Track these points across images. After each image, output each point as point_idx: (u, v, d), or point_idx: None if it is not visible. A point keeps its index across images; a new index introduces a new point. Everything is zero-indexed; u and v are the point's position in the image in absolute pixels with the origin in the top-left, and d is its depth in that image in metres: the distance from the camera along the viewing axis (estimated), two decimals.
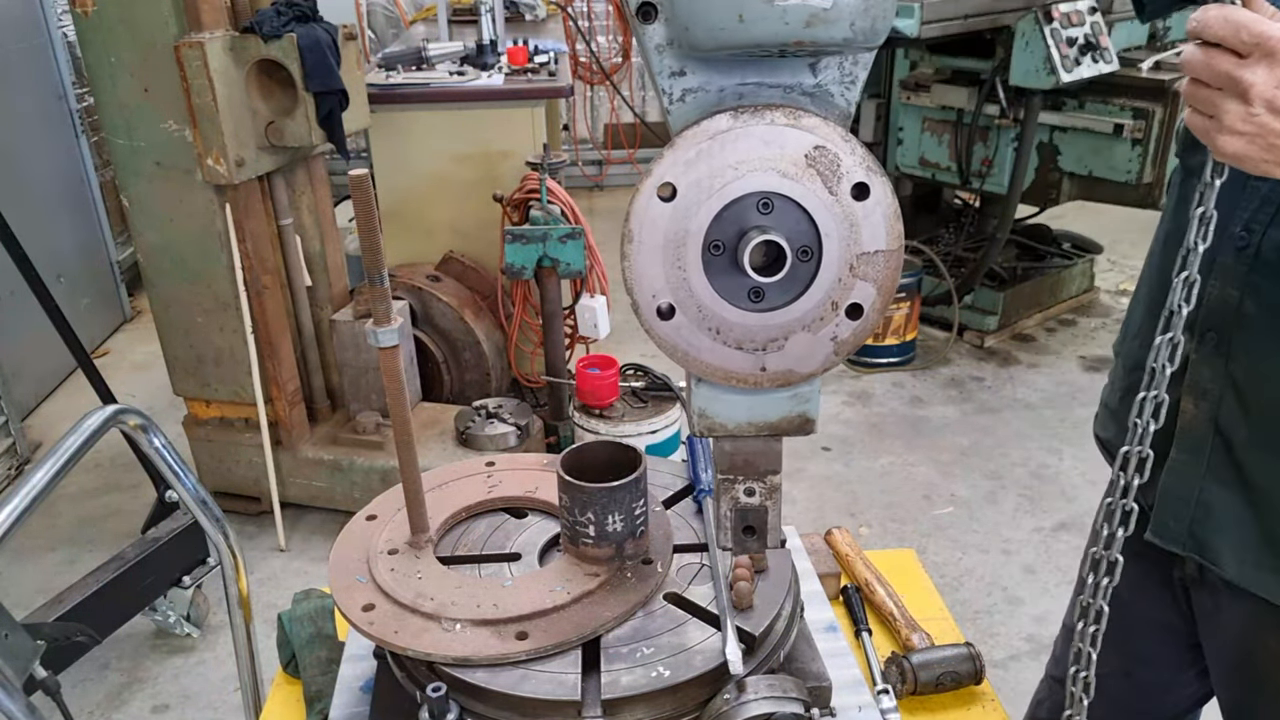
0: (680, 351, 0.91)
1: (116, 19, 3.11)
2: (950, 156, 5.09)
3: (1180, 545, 1.44)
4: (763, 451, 1.00)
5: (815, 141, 0.84)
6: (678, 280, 0.88)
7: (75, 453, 1.55)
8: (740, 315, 0.89)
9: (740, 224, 0.86)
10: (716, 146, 0.84)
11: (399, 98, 4.06)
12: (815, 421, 0.99)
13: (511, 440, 3.62)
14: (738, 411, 0.97)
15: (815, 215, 0.86)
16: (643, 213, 0.86)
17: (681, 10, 0.79)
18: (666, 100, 0.86)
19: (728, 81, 0.85)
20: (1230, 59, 0.98)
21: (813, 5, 0.76)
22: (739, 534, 1.03)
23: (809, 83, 0.86)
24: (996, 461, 4.21)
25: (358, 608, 1.26)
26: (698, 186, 0.85)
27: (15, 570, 3.59)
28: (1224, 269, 1.31)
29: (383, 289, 1.27)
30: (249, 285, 3.39)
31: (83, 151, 5.36)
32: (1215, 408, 1.36)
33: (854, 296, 0.89)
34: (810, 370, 0.93)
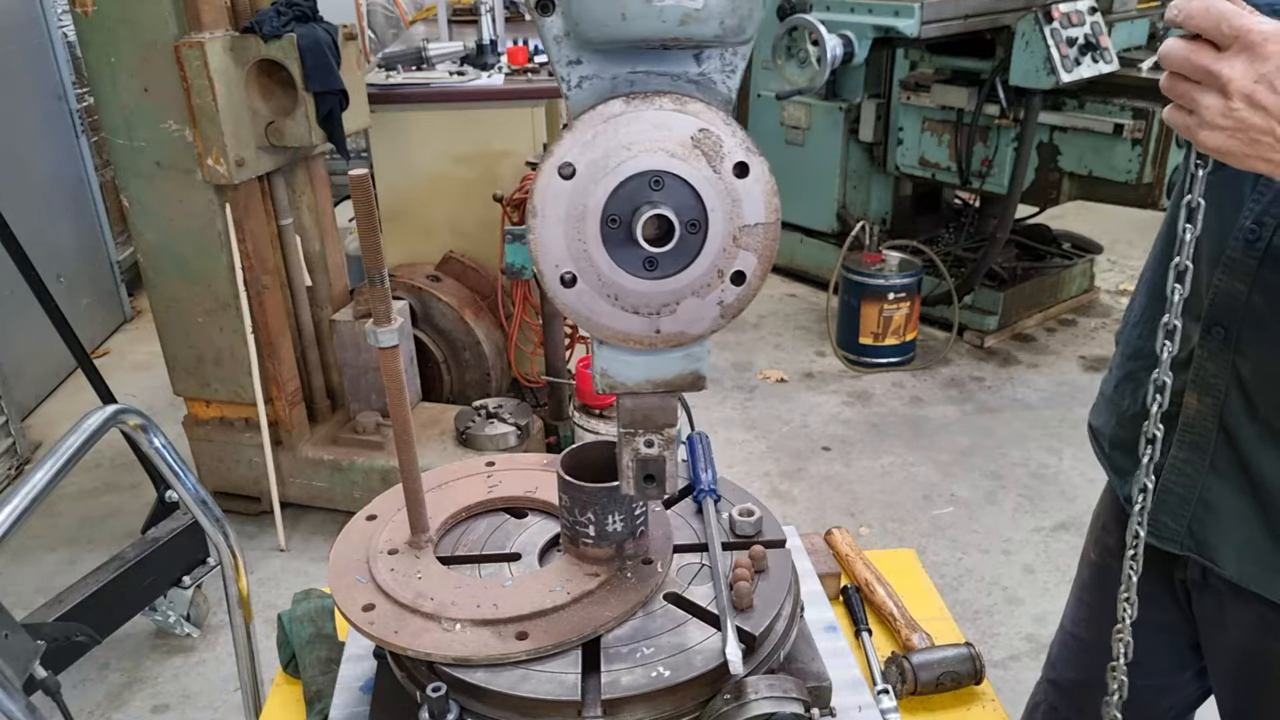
0: (582, 316, 0.99)
1: (116, 19, 3.11)
2: (950, 156, 5.09)
3: (1178, 544, 1.44)
4: (660, 407, 1.09)
5: (700, 125, 0.93)
6: (578, 251, 0.95)
7: (75, 453, 1.55)
8: (636, 282, 0.97)
9: (635, 200, 0.94)
10: (611, 129, 0.92)
11: (399, 98, 4.06)
12: (706, 379, 1.07)
13: (511, 440, 3.62)
14: (636, 371, 1.06)
15: (701, 192, 0.95)
16: (545, 190, 0.93)
17: (573, 7, 0.87)
18: (565, 87, 0.94)
19: (620, 70, 0.93)
20: (1210, 52, 0.98)
21: (686, 5, 0.85)
22: (640, 482, 1.12)
23: (694, 71, 0.95)
24: (996, 461, 4.21)
25: (358, 608, 1.26)
26: (595, 166, 0.93)
27: (15, 570, 3.59)
28: (1232, 262, 1.30)
29: (383, 289, 1.27)
30: (249, 285, 3.39)
31: (83, 151, 5.36)
32: (1220, 403, 1.34)
33: (738, 265, 0.98)
34: (700, 332, 1.02)
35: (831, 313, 5.24)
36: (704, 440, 1.56)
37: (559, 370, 3.84)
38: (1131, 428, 1.49)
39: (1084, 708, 1.78)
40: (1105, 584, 1.70)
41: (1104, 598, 1.70)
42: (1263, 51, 0.95)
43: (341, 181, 4.96)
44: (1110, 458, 1.59)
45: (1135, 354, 1.51)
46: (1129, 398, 1.51)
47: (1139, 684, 1.69)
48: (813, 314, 5.70)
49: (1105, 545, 1.68)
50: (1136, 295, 1.55)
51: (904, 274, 4.97)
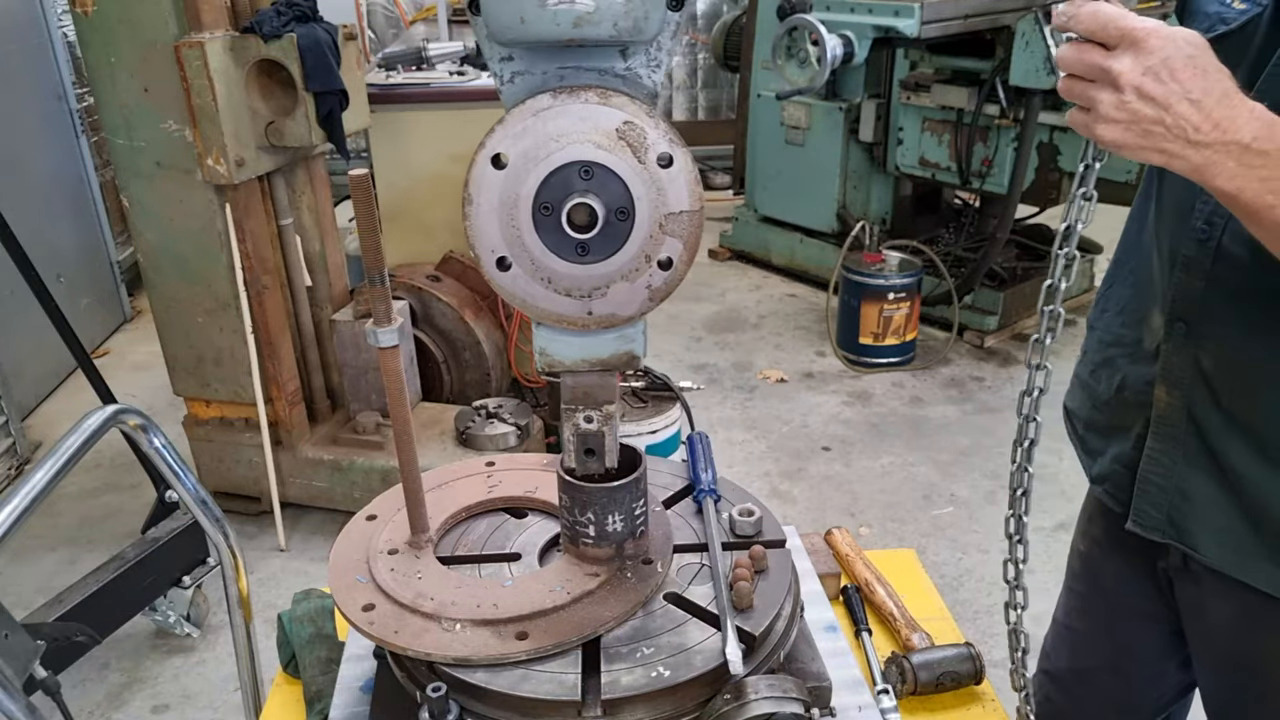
0: (518, 298, 1.05)
1: (116, 19, 3.11)
2: (950, 156, 5.09)
3: (1160, 533, 1.46)
4: (599, 385, 1.14)
5: (624, 118, 0.97)
6: (512, 237, 1.01)
7: (75, 453, 1.55)
8: (568, 267, 1.02)
9: (566, 189, 0.99)
10: (539, 122, 0.97)
11: (399, 98, 4.06)
12: (640, 358, 1.13)
13: (511, 440, 3.61)
14: (573, 350, 1.11)
15: (628, 181, 0.99)
16: (479, 179, 0.99)
17: (483, 11, 0.93)
18: (498, 81, 0.99)
19: (550, 66, 0.99)
20: (1099, 51, 1.04)
21: (578, 10, 0.90)
22: (581, 455, 1.18)
23: (620, 67, 0.99)
24: (996, 461, 4.21)
25: (358, 608, 1.26)
26: (525, 156, 0.98)
27: (15, 570, 3.59)
28: (1188, 261, 1.34)
29: (383, 289, 1.27)
30: (249, 285, 3.39)
31: (83, 151, 5.36)
32: (1188, 396, 1.38)
33: (664, 251, 1.03)
34: (630, 314, 1.07)
35: (831, 313, 5.24)
36: (704, 440, 1.56)
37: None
38: (1106, 412, 1.55)
39: (1077, 696, 1.80)
40: (1093, 574, 1.74)
41: (1093, 588, 1.75)
42: (1147, 46, 1.01)
43: (341, 181, 4.96)
44: (1083, 439, 1.64)
45: (1115, 341, 1.54)
46: (1104, 383, 1.55)
47: (1130, 673, 1.72)
48: (813, 314, 5.70)
49: (1091, 536, 1.71)
50: (1114, 283, 1.58)
51: (904, 274, 4.97)
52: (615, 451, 1.20)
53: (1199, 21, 1.35)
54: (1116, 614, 1.70)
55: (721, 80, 8.14)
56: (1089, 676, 1.78)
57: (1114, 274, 1.59)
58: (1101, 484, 1.59)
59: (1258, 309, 1.26)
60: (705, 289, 6.18)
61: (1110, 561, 1.68)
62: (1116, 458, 1.54)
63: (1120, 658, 1.72)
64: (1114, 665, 1.73)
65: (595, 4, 0.91)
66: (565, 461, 1.20)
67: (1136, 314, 1.49)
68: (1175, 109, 1.03)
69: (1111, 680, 1.75)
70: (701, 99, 8.32)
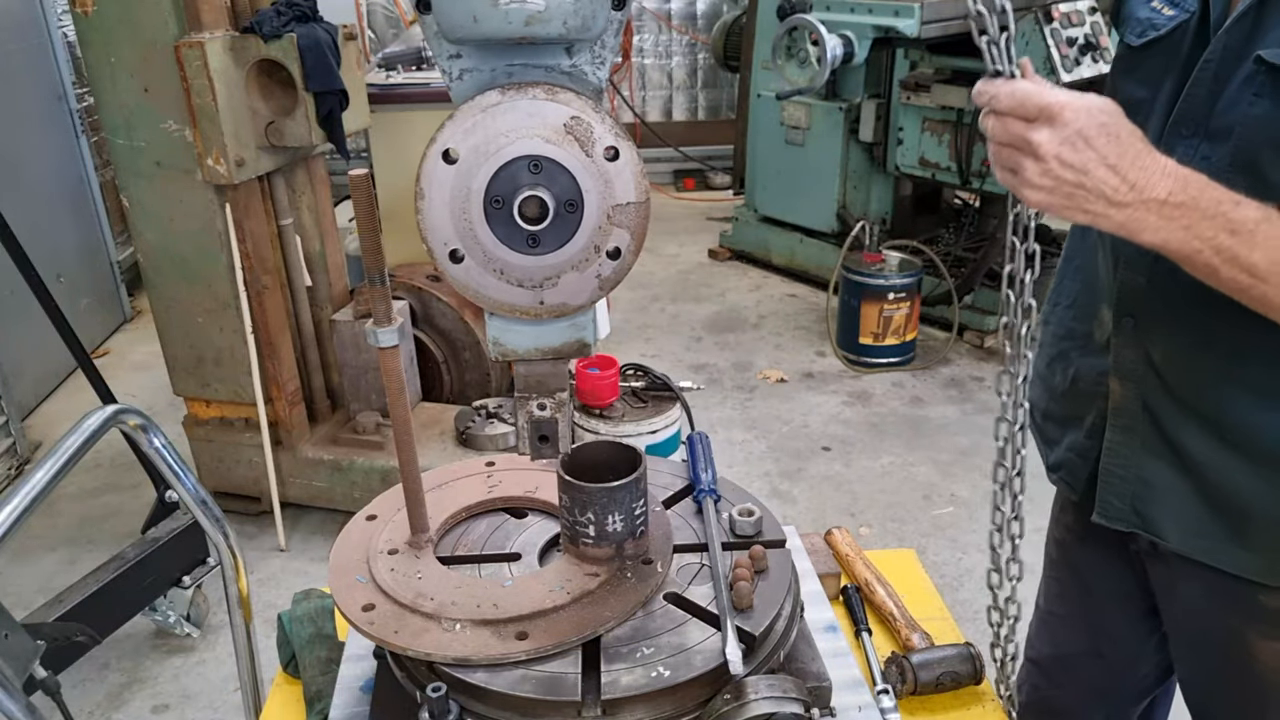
0: (471, 290, 1.06)
1: (116, 19, 3.11)
2: (950, 156, 5.09)
3: (1125, 523, 1.50)
4: (551, 373, 1.16)
5: (571, 113, 1.00)
6: (464, 230, 1.02)
7: (75, 453, 1.55)
8: (519, 258, 1.05)
9: (515, 182, 1.01)
10: (489, 118, 0.99)
11: (399, 98, 4.06)
12: (591, 345, 1.16)
13: (511, 440, 3.61)
14: (526, 339, 1.14)
15: (576, 174, 1.02)
16: (430, 174, 1.00)
17: (434, 10, 0.95)
18: (448, 79, 1.01)
19: (499, 63, 1.01)
20: (1020, 124, 1.11)
21: (529, 9, 0.93)
22: (535, 442, 1.20)
23: (566, 64, 1.02)
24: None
25: (358, 608, 1.26)
26: (476, 151, 1.00)
27: (15, 570, 3.59)
28: (1129, 259, 1.40)
29: (383, 289, 1.27)
30: (249, 285, 3.39)
31: (83, 151, 5.36)
32: (1141, 387, 1.43)
33: (613, 241, 1.06)
34: (581, 303, 1.09)
35: (831, 313, 5.24)
36: (704, 440, 1.56)
37: None
38: (1061, 402, 1.61)
39: (1061, 682, 1.83)
40: (1069, 560, 1.78)
41: (1069, 573, 1.79)
42: (1062, 119, 1.08)
43: (341, 181, 4.96)
44: (1041, 428, 1.68)
45: (1067, 334, 1.59)
46: (1059, 375, 1.60)
47: (1111, 656, 1.75)
48: (813, 314, 5.70)
49: (1064, 524, 1.76)
50: (1064, 278, 1.63)
51: (904, 274, 4.97)
52: (569, 438, 1.22)
53: (1131, 27, 1.40)
54: (1093, 598, 1.74)
55: (721, 80, 8.15)
56: (1071, 662, 1.81)
57: (1064, 270, 1.64)
58: (1057, 471, 1.65)
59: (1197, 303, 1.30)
60: (705, 289, 6.18)
61: (1084, 547, 1.72)
62: (1071, 446, 1.59)
63: (1100, 641, 1.76)
64: (1094, 649, 1.77)
65: (545, 3, 0.93)
66: (519, 448, 1.22)
67: (1086, 308, 1.54)
68: (1094, 174, 1.09)
69: (1093, 665, 1.79)
70: (701, 99, 8.33)
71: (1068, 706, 1.84)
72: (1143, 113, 1.36)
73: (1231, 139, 1.25)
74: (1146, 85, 1.37)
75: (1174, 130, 1.31)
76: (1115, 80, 1.45)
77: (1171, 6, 1.34)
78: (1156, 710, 1.88)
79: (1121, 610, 1.69)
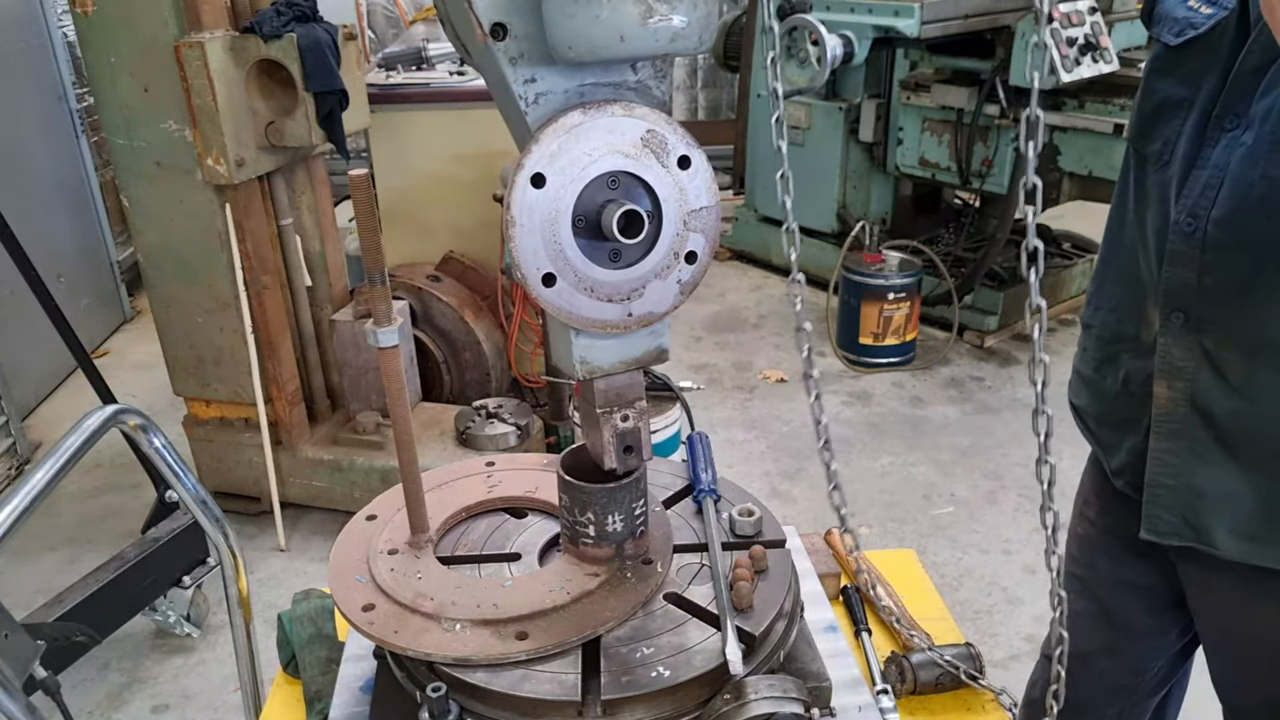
0: (565, 311, 1.07)
1: (116, 19, 3.11)
2: (950, 156, 5.09)
3: (1177, 537, 1.47)
4: (630, 384, 1.18)
5: (647, 126, 1.03)
6: (555, 252, 1.04)
7: (75, 453, 1.55)
8: (607, 274, 1.07)
9: (595, 199, 1.04)
10: (573, 139, 1.01)
11: (399, 98, 4.06)
12: (668, 351, 1.18)
13: (511, 440, 3.61)
14: (610, 354, 1.15)
15: (654, 185, 1.05)
16: (521, 200, 1.01)
17: (563, 33, 0.95)
18: (523, 104, 1.02)
19: (570, 84, 1.03)
20: None
21: (674, 26, 0.96)
22: (621, 454, 1.21)
23: (632, 79, 1.06)
24: (996, 461, 4.21)
25: (358, 608, 1.26)
26: (563, 173, 1.02)
27: (15, 570, 3.59)
28: (1176, 255, 1.37)
29: (383, 289, 1.27)
30: (249, 285, 3.39)
31: (83, 151, 5.36)
32: (1190, 385, 1.40)
33: (689, 245, 1.10)
34: (665, 309, 1.12)
35: (831, 313, 5.23)
36: (704, 440, 1.56)
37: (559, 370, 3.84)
38: (1114, 406, 1.59)
39: (1077, 679, 1.83)
40: (1090, 556, 1.78)
41: (1090, 569, 1.79)
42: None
43: (341, 181, 4.96)
44: (1095, 434, 1.68)
45: (1115, 338, 1.58)
46: (1110, 379, 1.59)
47: (1129, 653, 1.75)
48: (813, 314, 5.69)
49: (1088, 519, 1.76)
50: (1104, 281, 1.61)
51: (904, 274, 4.97)
52: (650, 445, 1.24)
53: (1168, 26, 1.38)
54: (1114, 593, 1.74)
55: (721, 80, 8.14)
56: (1088, 660, 1.81)
57: (1102, 273, 1.62)
58: (1121, 477, 1.61)
59: (1252, 287, 1.29)
60: (705, 289, 6.18)
61: (1107, 541, 1.72)
62: (1131, 449, 1.56)
63: (1119, 638, 1.76)
64: (1112, 647, 1.77)
65: (688, 19, 0.96)
66: (606, 462, 1.21)
67: (1131, 310, 1.52)
68: None
69: (1110, 660, 1.78)
70: (701, 99, 8.32)
71: (1083, 702, 1.85)
72: (1183, 111, 1.36)
73: (1270, 120, 1.23)
74: (1186, 84, 1.36)
75: (1216, 124, 1.30)
76: (1151, 80, 1.43)
77: (1210, 5, 1.33)
78: (1170, 703, 1.89)
79: (1142, 605, 1.69)
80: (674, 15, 0.94)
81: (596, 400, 1.17)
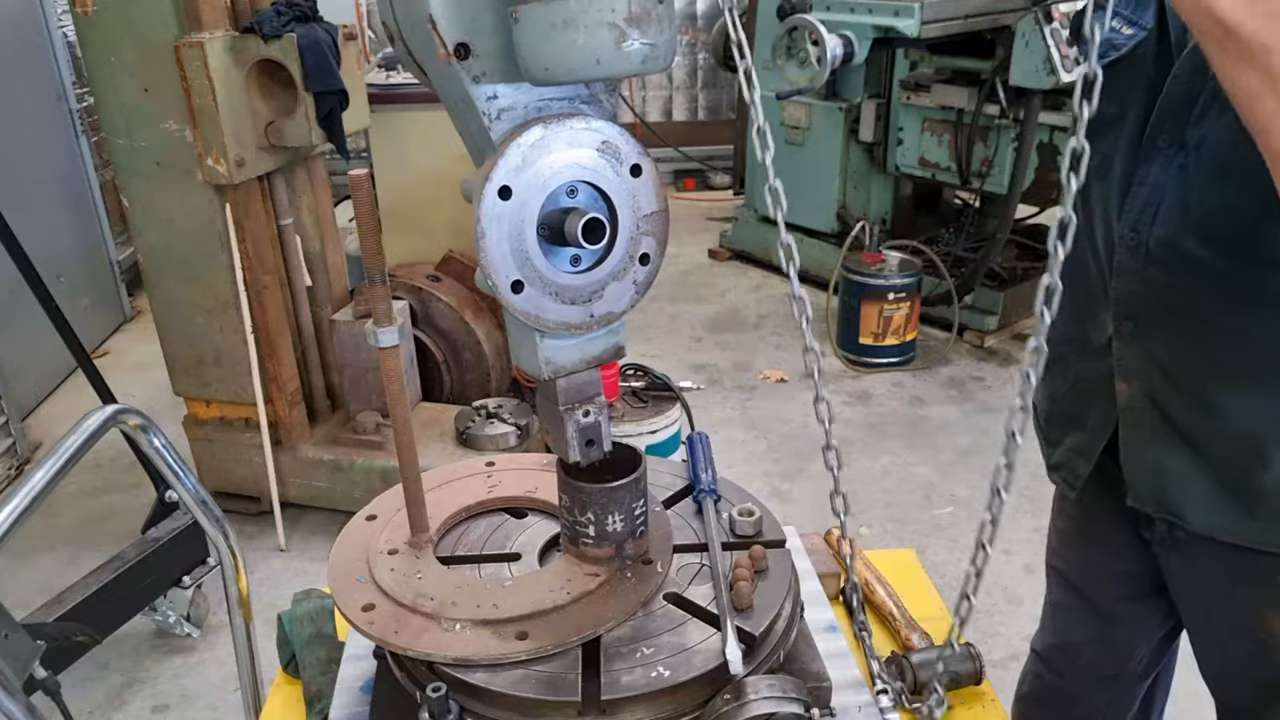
0: (533, 315, 1.11)
1: (116, 19, 3.11)
2: (950, 156, 5.09)
3: (1153, 508, 1.53)
4: (589, 380, 1.23)
5: (603, 138, 1.08)
6: (522, 260, 1.08)
7: (75, 453, 1.55)
8: (570, 278, 1.12)
9: (557, 207, 1.09)
10: (536, 152, 1.05)
11: (399, 98, 4.06)
12: (624, 347, 1.24)
13: (511, 440, 3.61)
14: (572, 354, 1.20)
15: (610, 192, 1.10)
16: (489, 212, 1.05)
17: (540, 57, 0.99)
18: (486, 120, 1.07)
19: (529, 99, 1.08)
20: None
21: (645, 49, 0.99)
22: (584, 447, 1.25)
23: (585, 94, 1.11)
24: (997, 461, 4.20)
25: (358, 608, 1.26)
26: (528, 185, 1.05)
27: (15, 570, 3.59)
28: (1122, 267, 1.42)
29: (383, 289, 1.27)
30: (249, 285, 3.39)
31: (83, 151, 5.36)
32: (1147, 385, 1.45)
33: (643, 248, 1.15)
34: (624, 309, 1.17)
35: (831, 313, 5.24)
36: (704, 440, 1.56)
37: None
38: (1063, 404, 1.64)
39: (1063, 670, 1.86)
40: (1072, 548, 1.81)
41: (1072, 561, 1.83)
42: None
43: (341, 181, 4.96)
44: (1044, 430, 1.72)
45: (1062, 339, 1.60)
46: (1059, 379, 1.63)
47: (1116, 641, 1.77)
48: (813, 314, 5.70)
49: (1066, 514, 1.80)
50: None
51: (904, 274, 4.97)
52: (610, 437, 1.27)
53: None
54: (1096, 583, 1.77)
55: (721, 80, 8.14)
56: (1074, 650, 1.84)
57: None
58: (1057, 471, 1.68)
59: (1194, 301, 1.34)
60: (705, 289, 6.17)
61: (1085, 533, 1.75)
62: (1072, 446, 1.62)
63: (1103, 626, 1.79)
64: (1097, 635, 1.79)
65: (656, 42, 0.99)
66: (570, 456, 1.24)
67: (1079, 312, 1.55)
68: None
69: (1096, 650, 1.81)
70: (701, 99, 8.32)
71: (1072, 693, 1.87)
72: (1114, 128, 1.40)
73: (1205, 149, 1.28)
74: (1115, 101, 1.39)
75: (1150, 143, 1.34)
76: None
77: (1129, 25, 1.37)
78: (1158, 688, 1.92)
79: (1124, 594, 1.72)
80: (644, 39, 0.99)
81: (559, 398, 1.22)
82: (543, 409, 1.27)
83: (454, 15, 1.01)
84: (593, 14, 0.96)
